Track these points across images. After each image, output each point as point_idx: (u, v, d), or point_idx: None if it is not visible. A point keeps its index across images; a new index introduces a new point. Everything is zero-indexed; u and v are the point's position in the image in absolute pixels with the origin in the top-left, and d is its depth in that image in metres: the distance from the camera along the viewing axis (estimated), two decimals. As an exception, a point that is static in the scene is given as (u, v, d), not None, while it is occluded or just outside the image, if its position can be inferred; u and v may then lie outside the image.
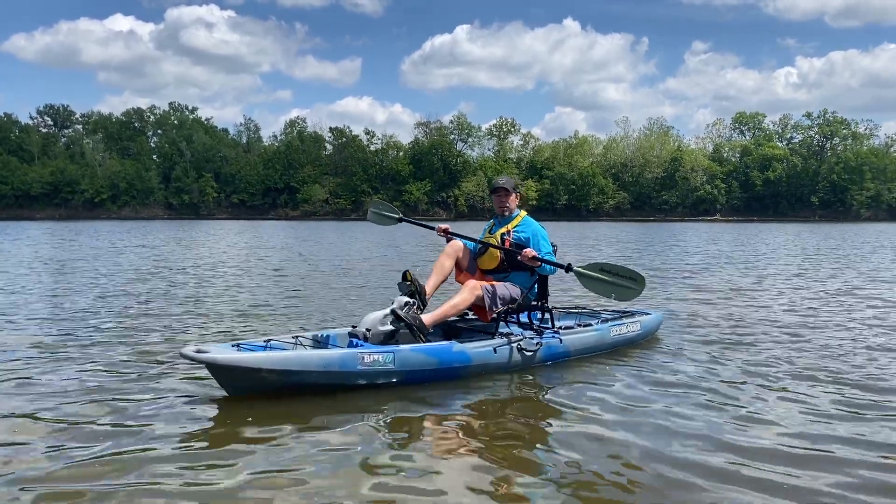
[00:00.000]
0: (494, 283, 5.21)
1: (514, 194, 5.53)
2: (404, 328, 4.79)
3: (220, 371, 4.04)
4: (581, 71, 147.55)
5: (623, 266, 5.18)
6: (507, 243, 5.37)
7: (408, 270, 5.05)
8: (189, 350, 4.00)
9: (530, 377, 4.91)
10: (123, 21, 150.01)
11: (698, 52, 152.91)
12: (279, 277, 11.79)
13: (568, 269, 5.17)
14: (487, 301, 5.08)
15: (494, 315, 5.19)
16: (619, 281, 5.11)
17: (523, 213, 5.58)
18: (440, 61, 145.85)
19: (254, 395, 4.14)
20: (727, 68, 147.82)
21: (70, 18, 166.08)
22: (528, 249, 5.19)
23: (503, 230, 5.47)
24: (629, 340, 5.87)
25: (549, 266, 5.27)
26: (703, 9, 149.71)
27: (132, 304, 8.25)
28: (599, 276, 5.16)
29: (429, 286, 5.13)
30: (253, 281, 11.18)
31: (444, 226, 5.60)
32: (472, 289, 5.06)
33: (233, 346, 4.35)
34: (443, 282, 5.30)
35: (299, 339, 4.70)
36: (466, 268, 5.39)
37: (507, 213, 5.53)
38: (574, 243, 24.80)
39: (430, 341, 4.83)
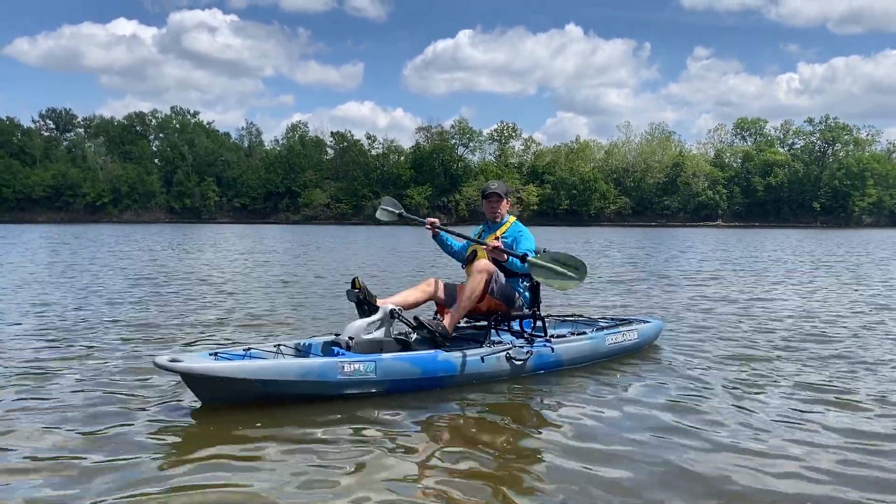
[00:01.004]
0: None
1: (505, 200, 5.39)
2: (426, 335, 4.69)
3: (193, 381, 3.90)
4: (583, 76, 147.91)
5: (568, 255, 4.94)
6: None
7: (356, 278, 4.91)
8: (163, 359, 3.86)
9: (518, 387, 4.76)
10: (126, 25, 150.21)
11: (700, 58, 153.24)
12: (272, 283, 11.66)
13: (523, 259, 4.99)
14: (494, 284, 4.98)
15: (488, 306, 5.07)
16: (566, 269, 4.86)
17: (512, 218, 5.45)
18: (442, 66, 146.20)
19: (231, 405, 3.99)
20: (729, 74, 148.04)
21: (73, 22, 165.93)
22: (491, 240, 5.04)
23: (492, 237, 5.33)
24: (625, 350, 5.71)
25: (516, 261, 5.08)
26: (705, 14, 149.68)
27: (117, 310, 8.12)
28: (550, 265, 4.89)
29: (383, 300, 4.96)
30: (245, 287, 11.05)
31: (432, 220, 5.44)
32: (480, 270, 4.92)
33: (210, 354, 4.21)
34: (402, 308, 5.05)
35: (281, 347, 4.56)
36: (445, 303, 5.20)
37: (498, 219, 5.39)
38: (581, 249, 24.64)
39: (416, 349, 4.69)
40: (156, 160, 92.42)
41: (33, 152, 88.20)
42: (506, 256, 5.05)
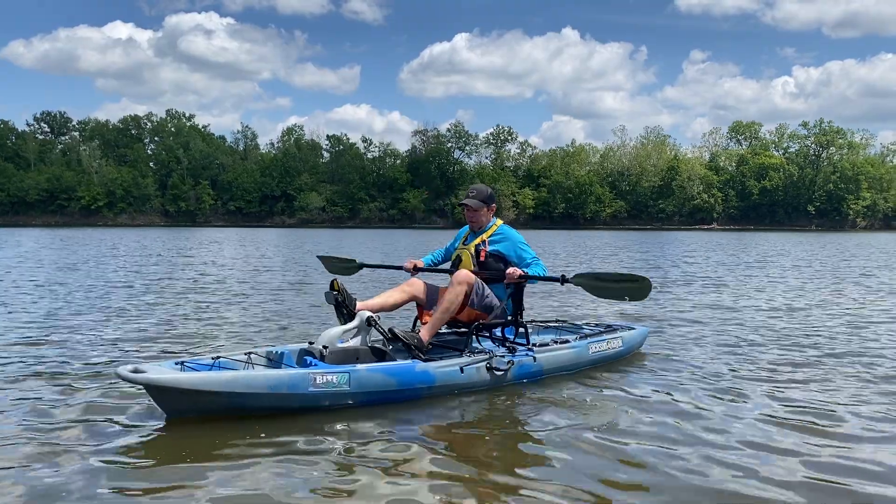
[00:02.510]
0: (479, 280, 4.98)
1: (485, 208, 5.21)
2: (400, 348, 4.58)
3: (157, 393, 3.76)
4: (580, 79, 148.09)
5: (619, 273, 5.08)
6: (482, 255, 5.14)
7: (335, 279, 4.77)
8: (125, 370, 3.71)
9: (498, 397, 4.64)
10: (122, 28, 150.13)
11: (697, 62, 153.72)
12: (257, 287, 11.51)
13: (563, 281, 5.03)
14: (474, 296, 4.86)
15: (468, 316, 4.96)
16: (624, 285, 5.02)
17: (499, 221, 5.31)
18: (439, 69, 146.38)
19: (198, 418, 3.86)
20: (725, 77, 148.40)
21: (68, 25, 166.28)
22: (512, 269, 4.95)
23: (478, 241, 5.21)
24: (609, 358, 5.60)
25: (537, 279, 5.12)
26: (701, 18, 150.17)
27: (87, 316, 7.90)
28: (600, 283, 5.06)
29: (364, 302, 4.85)
30: (229, 291, 10.91)
31: (413, 262, 5.33)
32: (460, 282, 4.79)
33: (176, 363, 4.06)
34: (381, 311, 4.93)
35: (251, 355, 4.40)
36: (427, 306, 5.08)
37: (478, 229, 5.25)
38: (585, 253, 24.56)
39: (395, 359, 4.57)
40: (151, 163, 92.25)
41: (28, 156, 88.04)
42: (525, 281, 5.06)
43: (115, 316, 7.98)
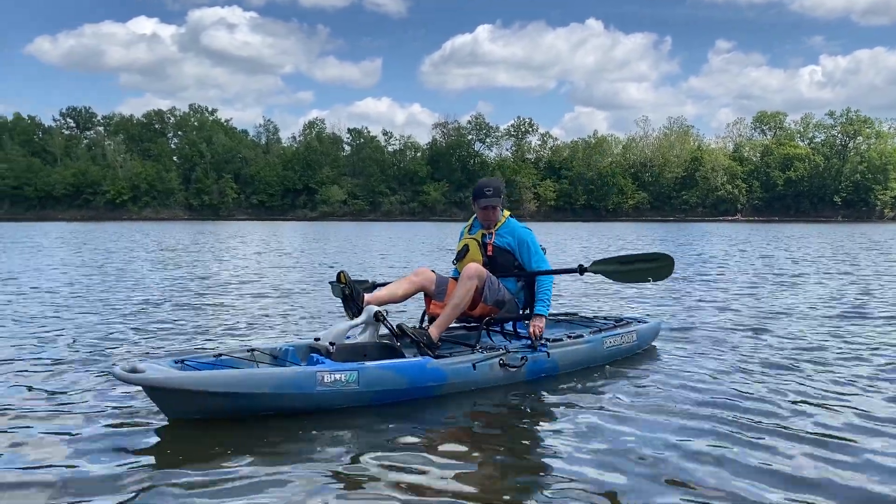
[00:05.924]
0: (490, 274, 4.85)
1: (500, 203, 5.10)
2: (409, 345, 4.45)
3: (156, 394, 3.64)
4: (603, 70, 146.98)
5: (639, 254, 5.13)
6: (489, 247, 5.01)
7: (342, 272, 4.62)
8: (121, 369, 3.59)
9: (512, 394, 4.51)
10: (146, 23, 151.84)
11: (722, 51, 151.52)
12: (266, 281, 11.47)
13: (581, 271, 5.04)
14: (487, 290, 4.73)
15: (481, 312, 4.82)
16: (645, 265, 5.06)
17: (507, 213, 5.18)
18: (460, 61, 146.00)
19: (202, 420, 3.73)
20: (750, 67, 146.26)
21: (93, 21, 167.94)
22: (536, 325, 4.89)
23: (485, 230, 5.08)
24: (623, 352, 5.45)
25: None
26: (726, 6, 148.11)
27: (94, 312, 7.82)
28: (620, 268, 5.11)
29: (371, 295, 4.70)
30: (235, 285, 10.87)
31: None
32: (471, 276, 4.66)
33: (176, 361, 3.95)
34: (389, 302, 4.81)
35: (255, 352, 4.28)
36: (436, 296, 4.95)
37: (493, 226, 5.10)
38: (610, 245, 24.29)
39: (404, 353, 4.44)
40: (174, 158, 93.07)
41: (54, 151, 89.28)
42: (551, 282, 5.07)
43: (116, 312, 7.85)
